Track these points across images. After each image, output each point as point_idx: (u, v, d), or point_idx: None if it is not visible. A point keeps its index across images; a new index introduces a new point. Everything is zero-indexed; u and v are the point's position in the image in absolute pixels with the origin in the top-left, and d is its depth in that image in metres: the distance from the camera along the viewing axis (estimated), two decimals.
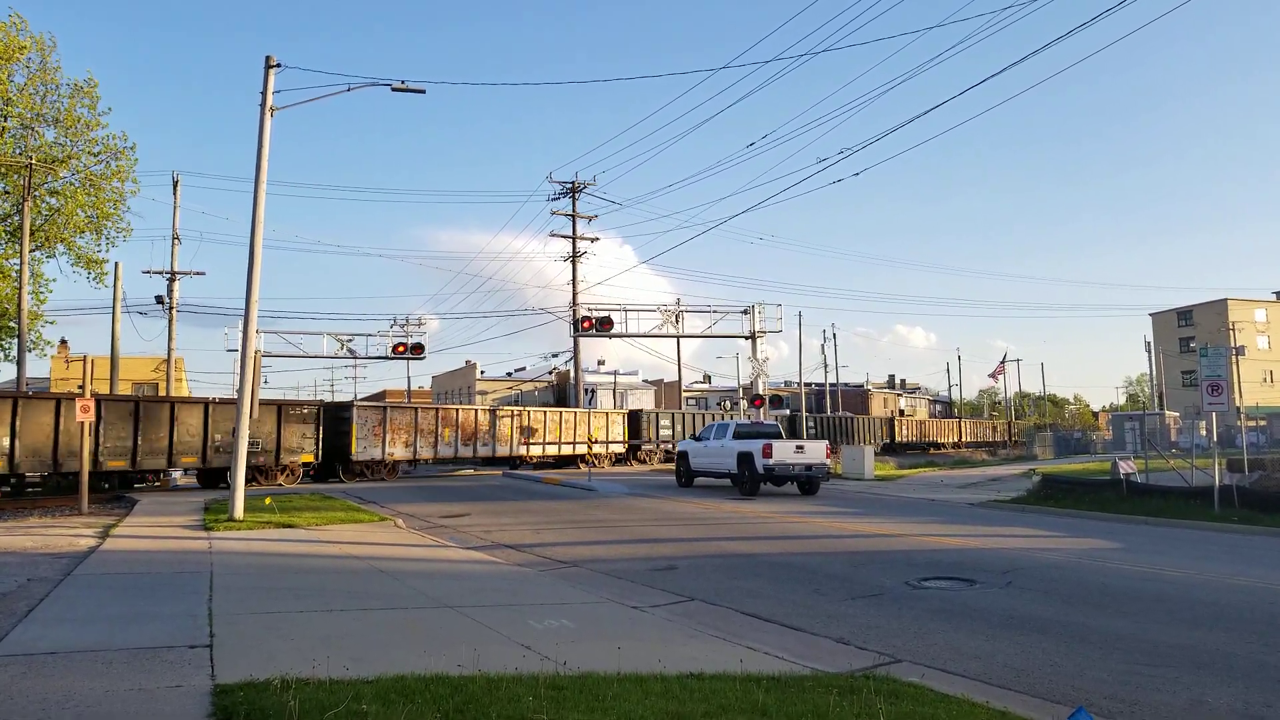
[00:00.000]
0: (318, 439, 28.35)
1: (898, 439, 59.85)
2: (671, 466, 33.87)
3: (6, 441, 21.24)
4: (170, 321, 35.43)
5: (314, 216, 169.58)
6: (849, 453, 34.73)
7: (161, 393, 40.12)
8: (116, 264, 31.81)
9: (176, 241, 35.65)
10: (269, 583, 9.69)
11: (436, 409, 33.69)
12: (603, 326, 34.26)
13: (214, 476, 26.05)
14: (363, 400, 56.23)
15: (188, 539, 13.27)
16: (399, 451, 31.46)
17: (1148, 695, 6.19)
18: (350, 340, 39.23)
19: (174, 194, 35.87)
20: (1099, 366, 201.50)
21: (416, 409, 33.03)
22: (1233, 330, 74.74)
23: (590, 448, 37.56)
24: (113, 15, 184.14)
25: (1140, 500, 19.34)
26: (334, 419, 29.92)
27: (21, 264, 27.32)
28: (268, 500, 18.41)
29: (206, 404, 25.79)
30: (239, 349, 18.61)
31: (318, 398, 70.22)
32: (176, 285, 35.37)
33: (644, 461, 41.42)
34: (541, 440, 36.65)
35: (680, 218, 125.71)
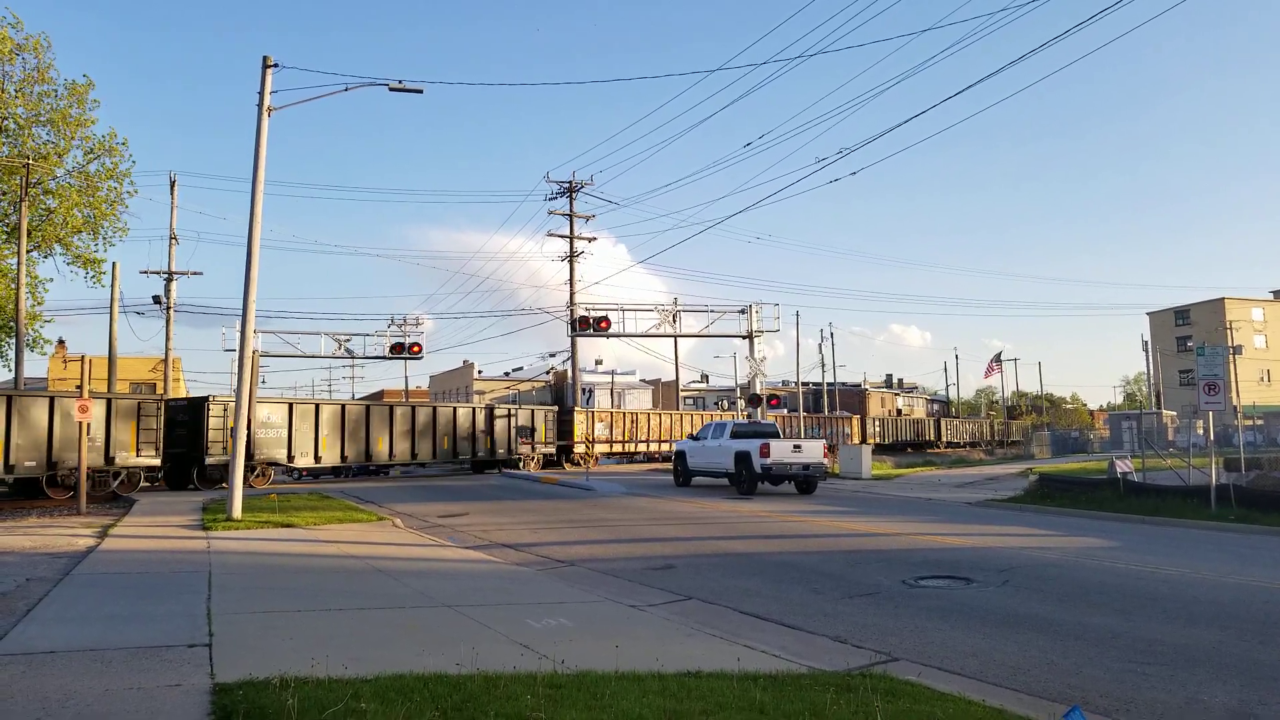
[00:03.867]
0: (555, 435, 36.78)
1: (895, 438, 59.89)
2: None
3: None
4: (168, 321, 35.41)
5: (310, 215, 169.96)
6: (846, 452, 34.76)
7: (159, 392, 40.07)
8: (114, 264, 31.81)
9: (174, 241, 35.62)
10: (267, 582, 9.70)
11: (625, 413, 41.64)
12: (600, 326, 34.28)
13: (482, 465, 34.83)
14: (361, 398, 56.19)
15: (186, 538, 13.28)
16: (601, 447, 38.96)
17: (1143, 693, 6.22)
18: (348, 340, 39.21)
19: (171, 194, 35.88)
20: (1096, 366, 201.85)
21: (618, 414, 41.02)
22: (1230, 329, 74.86)
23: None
24: (109, 13, 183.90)
25: (1137, 499, 19.38)
26: (560, 420, 37.93)
27: (19, 264, 27.28)
28: (273, 497, 18.43)
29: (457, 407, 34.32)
30: (237, 349, 18.61)
31: (316, 396, 70.17)
32: (174, 285, 35.37)
33: None
34: (656, 438, 42.12)
35: (677, 217, 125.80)
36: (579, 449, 37.97)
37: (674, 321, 35.68)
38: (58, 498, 21.15)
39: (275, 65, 16.81)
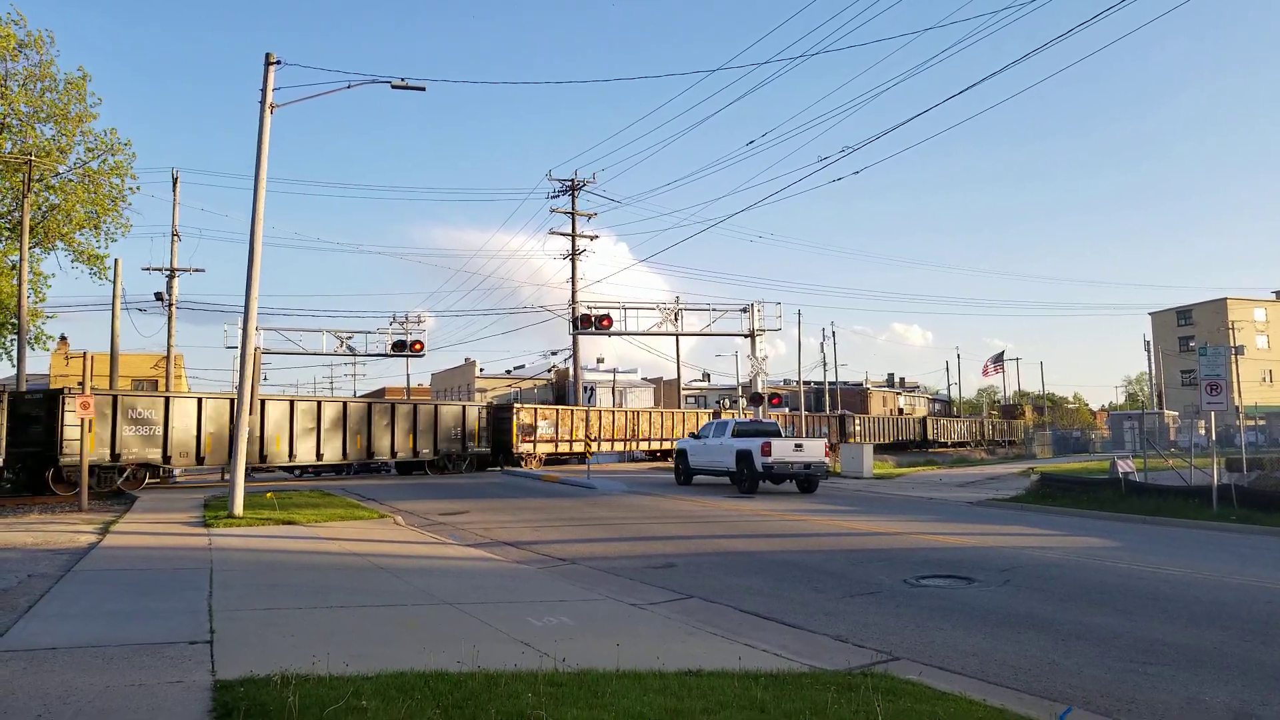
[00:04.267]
0: (489, 435, 33.94)
1: (897, 437, 59.87)
2: None
3: None
4: (170, 318, 35.42)
5: (312, 213, 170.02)
6: (848, 451, 34.76)
7: (161, 389, 40.12)
8: (116, 260, 31.73)
9: (176, 238, 35.61)
10: (269, 579, 9.70)
11: (573, 410, 38.91)
12: (602, 324, 34.31)
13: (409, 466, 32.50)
14: (363, 396, 56.24)
15: (187, 535, 13.29)
16: (545, 447, 36.44)
17: (1145, 693, 6.21)
18: (350, 337, 39.33)
19: (173, 191, 35.87)
20: (1098, 365, 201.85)
21: (565, 411, 38.47)
22: (1232, 329, 74.78)
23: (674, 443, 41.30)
24: (111, 11, 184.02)
25: (1138, 499, 19.36)
26: (497, 417, 35.31)
27: (21, 260, 27.30)
28: (269, 495, 18.44)
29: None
30: (239, 346, 18.63)
31: (320, 395, 70.24)
32: (176, 282, 35.37)
33: None
34: (647, 436, 40.97)
35: (679, 216, 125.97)
36: (522, 448, 35.51)
37: (676, 320, 35.72)
38: None
39: (278, 62, 16.79)
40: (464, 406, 34.22)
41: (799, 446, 23.83)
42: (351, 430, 29.60)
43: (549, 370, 67.25)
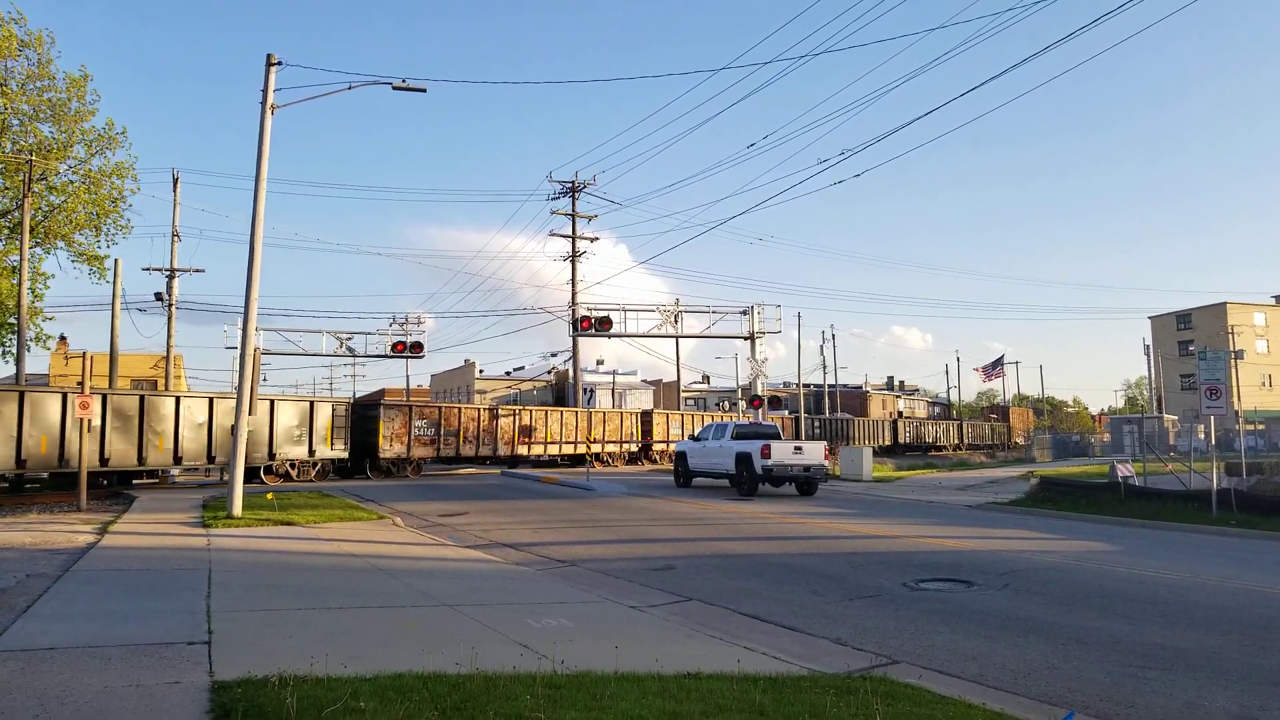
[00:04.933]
0: (346, 436, 29.33)
1: (896, 440, 59.88)
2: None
3: None
4: (170, 318, 35.39)
5: (312, 213, 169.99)
6: (847, 454, 34.74)
7: (160, 389, 40.05)
8: (116, 260, 31.74)
9: (176, 239, 35.58)
10: (267, 580, 9.69)
11: (458, 408, 35.13)
12: (602, 326, 34.24)
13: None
14: (361, 397, 56.22)
15: (186, 535, 13.27)
16: (423, 450, 32.44)
17: (1144, 697, 6.21)
18: (349, 338, 39.28)
19: (174, 191, 35.85)
20: (1098, 369, 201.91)
21: (450, 409, 34.52)
22: (1232, 334, 74.77)
23: (604, 446, 39.53)
24: (110, 11, 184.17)
25: (1138, 503, 19.36)
26: (361, 416, 31.01)
27: (21, 260, 27.30)
28: (269, 496, 18.43)
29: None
30: (238, 346, 18.62)
31: (316, 395, 70.22)
32: (176, 282, 35.34)
33: (655, 461, 41.64)
34: (570, 439, 38.17)
35: (679, 218, 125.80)
36: (387, 452, 31.00)
37: (675, 322, 35.65)
38: None
39: (279, 63, 16.80)
40: (311, 403, 29.16)
41: (798, 449, 23.84)
42: (151, 430, 23.97)
43: (549, 372, 67.25)
